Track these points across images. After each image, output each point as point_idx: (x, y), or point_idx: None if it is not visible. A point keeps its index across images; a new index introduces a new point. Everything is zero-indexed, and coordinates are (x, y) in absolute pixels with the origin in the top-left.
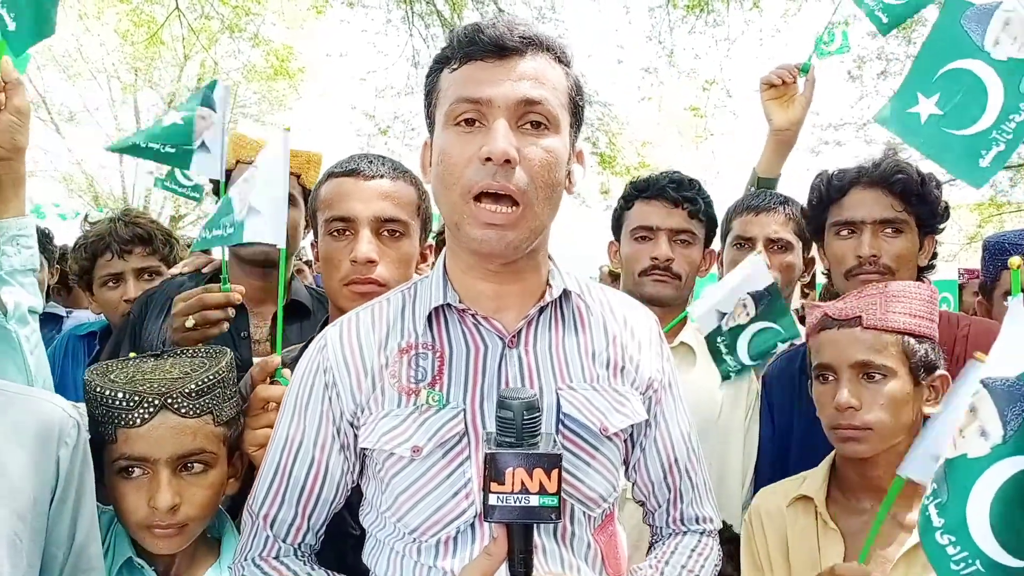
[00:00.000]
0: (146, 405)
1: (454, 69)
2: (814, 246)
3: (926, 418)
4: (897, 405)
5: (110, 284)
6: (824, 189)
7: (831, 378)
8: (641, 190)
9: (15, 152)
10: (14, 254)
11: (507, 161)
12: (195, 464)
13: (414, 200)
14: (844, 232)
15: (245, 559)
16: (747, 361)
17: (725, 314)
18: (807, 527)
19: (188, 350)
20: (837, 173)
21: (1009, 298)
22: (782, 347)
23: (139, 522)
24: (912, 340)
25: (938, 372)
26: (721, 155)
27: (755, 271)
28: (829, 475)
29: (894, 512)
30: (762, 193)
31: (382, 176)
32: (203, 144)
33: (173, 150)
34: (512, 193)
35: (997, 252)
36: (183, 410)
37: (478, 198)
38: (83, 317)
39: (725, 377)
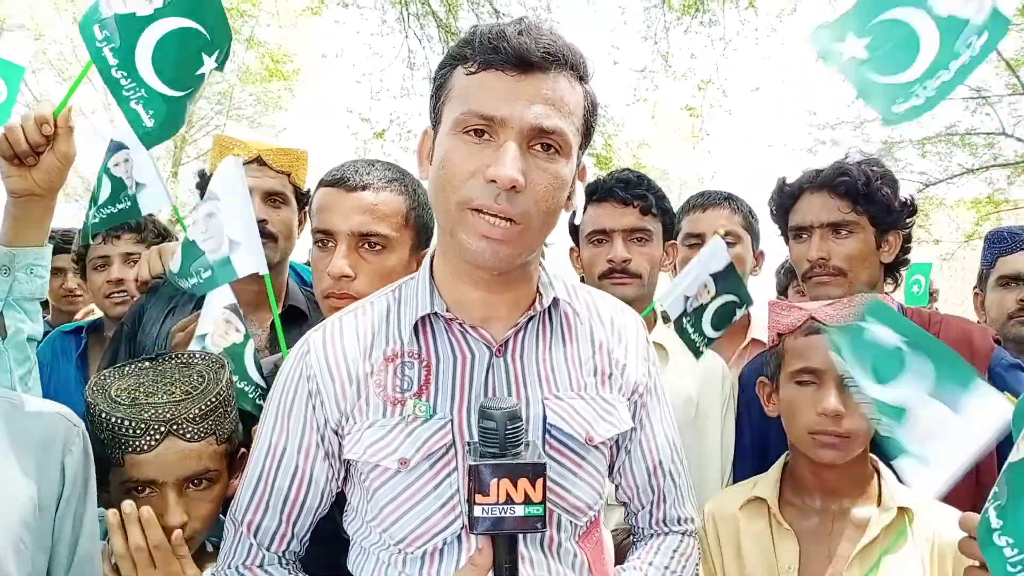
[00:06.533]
0: (152, 432)
1: (471, 72)
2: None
3: None
4: None
5: (98, 267)
6: (779, 197)
7: (812, 383)
8: (591, 193)
9: (50, 192)
10: (26, 281)
11: (513, 187)
12: (201, 481)
13: (401, 211)
14: (797, 237)
15: (228, 567)
16: (712, 334)
17: (688, 298)
18: (761, 529)
19: (183, 355)
20: (789, 180)
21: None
22: (740, 313)
23: None
24: None
25: None
26: (717, 155)
27: (715, 251)
28: (781, 477)
29: (844, 513)
30: (707, 191)
31: (365, 187)
32: (138, 184)
33: (124, 204)
34: (512, 216)
35: (995, 241)
36: (188, 435)
37: (476, 210)
38: None
39: (697, 354)
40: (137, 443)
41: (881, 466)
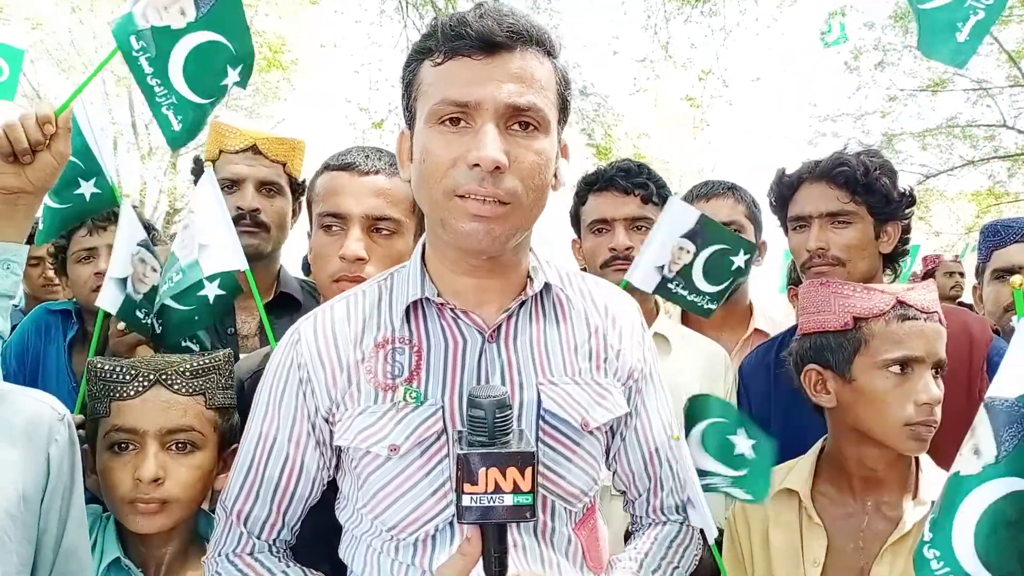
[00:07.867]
0: (141, 379)
1: (437, 63)
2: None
3: None
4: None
5: (83, 260)
6: (778, 188)
7: (908, 372)
8: (591, 183)
9: (42, 190)
10: (1, 277)
11: (496, 167)
12: (183, 443)
13: (409, 197)
14: (797, 227)
15: (219, 554)
16: (711, 288)
17: (662, 267)
18: (791, 521)
19: (193, 350)
20: (788, 171)
21: (1015, 319)
22: (739, 259)
23: (123, 496)
24: None
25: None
26: (717, 145)
27: (676, 212)
28: (815, 467)
29: (879, 505)
30: (710, 181)
31: (377, 172)
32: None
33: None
34: (501, 197)
35: (990, 234)
36: (176, 386)
37: (462, 195)
38: None
39: (706, 313)
40: (125, 389)
41: (923, 458)
